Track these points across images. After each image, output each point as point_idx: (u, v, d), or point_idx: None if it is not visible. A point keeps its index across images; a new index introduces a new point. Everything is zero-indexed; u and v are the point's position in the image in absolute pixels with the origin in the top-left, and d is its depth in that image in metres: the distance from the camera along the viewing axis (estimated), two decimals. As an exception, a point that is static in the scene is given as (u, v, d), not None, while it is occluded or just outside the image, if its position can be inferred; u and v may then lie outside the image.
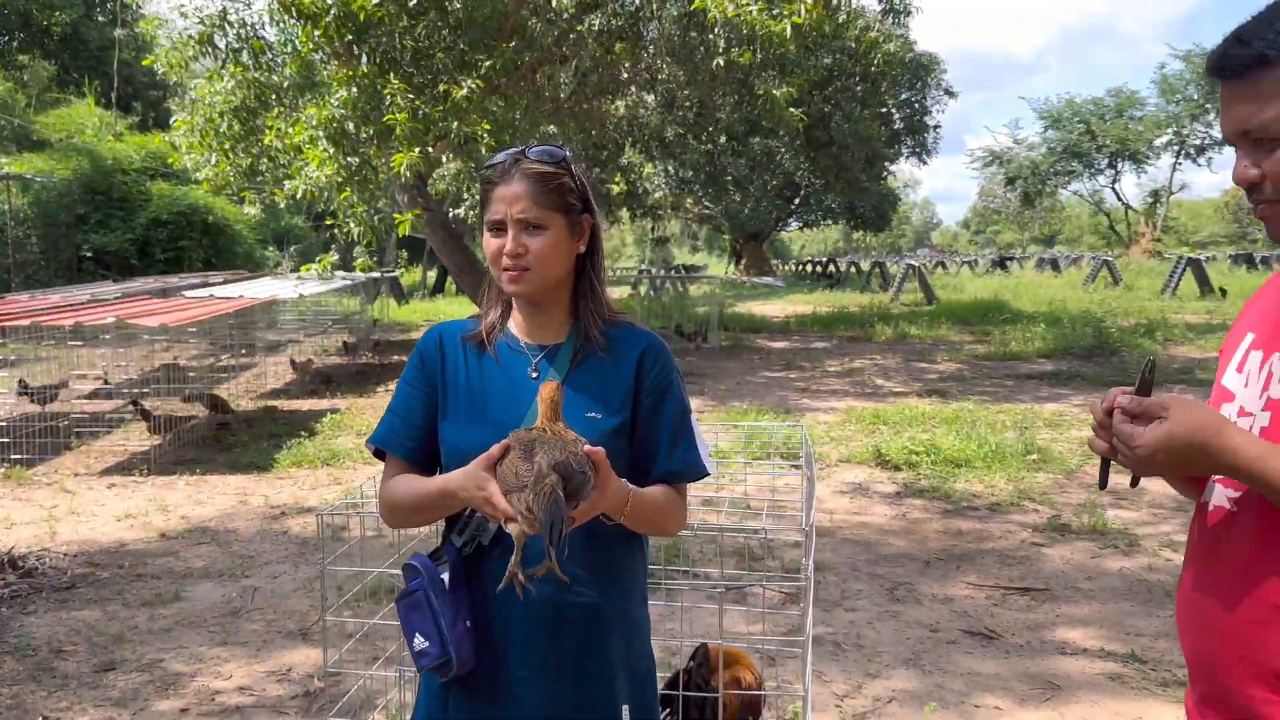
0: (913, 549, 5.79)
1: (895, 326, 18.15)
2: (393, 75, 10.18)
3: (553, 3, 12.64)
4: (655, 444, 1.83)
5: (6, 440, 8.13)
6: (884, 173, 31.51)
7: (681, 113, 17.30)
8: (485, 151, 13.33)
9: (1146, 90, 70.36)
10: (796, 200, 37.93)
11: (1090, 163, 49.39)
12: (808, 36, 11.49)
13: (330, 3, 9.81)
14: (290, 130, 10.25)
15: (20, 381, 9.92)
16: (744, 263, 42.32)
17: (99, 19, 33.59)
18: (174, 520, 6.49)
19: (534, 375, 1.83)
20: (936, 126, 33.46)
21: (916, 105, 32.74)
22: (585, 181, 1.86)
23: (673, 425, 1.84)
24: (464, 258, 13.61)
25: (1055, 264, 43.50)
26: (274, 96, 11.07)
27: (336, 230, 11.79)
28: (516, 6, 11.40)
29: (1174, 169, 52.11)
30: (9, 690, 4.00)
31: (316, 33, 9.88)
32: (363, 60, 10.36)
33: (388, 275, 23.08)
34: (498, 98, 11.76)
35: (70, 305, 9.92)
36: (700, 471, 1.86)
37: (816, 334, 18.82)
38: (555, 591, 1.71)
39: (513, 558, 1.60)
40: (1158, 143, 48.76)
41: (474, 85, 10.00)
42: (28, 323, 8.55)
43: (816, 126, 19.29)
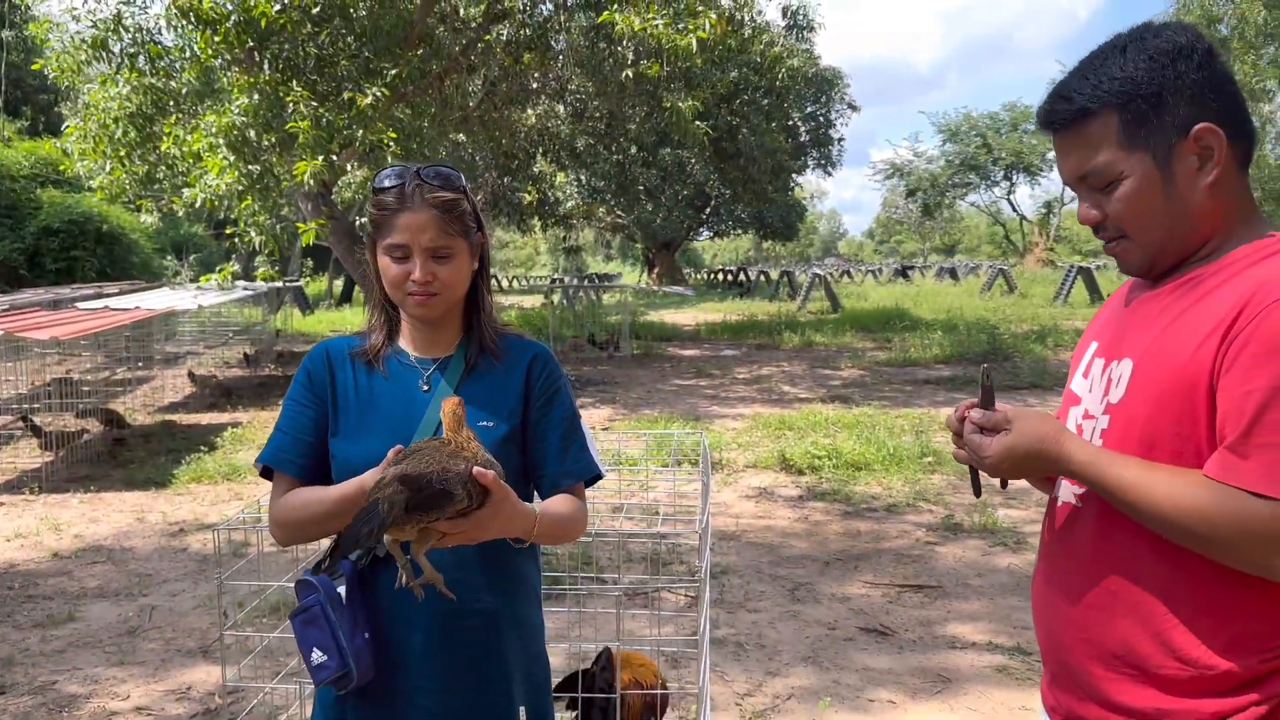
0: (814, 550, 5.96)
1: (802, 334, 18.54)
2: (296, 82, 10.03)
3: (460, 11, 12.62)
4: (546, 447, 1.88)
5: (-117, 459, 7.76)
6: (790, 184, 32.14)
7: (592, 123, 17.39)
8: (391, 160, 13.24)
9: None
10: (707, 210, 38.37)
11: (987, 175, 51.27)
12: (713, 51, 11.70)
13: (230, 9, 9.63)
14: (189, 137, 10.01)
15: (-102, 398, 9.48)
16: (657, 271, 42.63)
17: (-15, 19, 32.13)
18: (67, 540, 6.28)
19: (425, 388, 1.87)
20: (841, 139, 34.30)
21: (821, 118, 33.48)
22: (473, 199, 1.90)
23: (563, 429, 1.90)
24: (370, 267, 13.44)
25: (954, 273, 44.98)
26: (171, 103, 10.79)
27: (238, 239, 11.54)
28: (423, 15, 11.35)
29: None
30: (-112, 719, 3.85)
31: (216, 39, 9.69)
32: (265, 67, 10.19)
33: (291, 285, 22.60)
34: (404, 106, 11.67)
35: (-47, 318, 9.49)
36: (593, 472, 1.92)
37: (726, 342, 19.09)
38: (453, 600, 1.77)
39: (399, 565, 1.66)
40: (1050, 155, 50.84)
41: (379, 93, 9.92)
42: (-94, 336, 8.18)
43: (724, 139, 19.59)
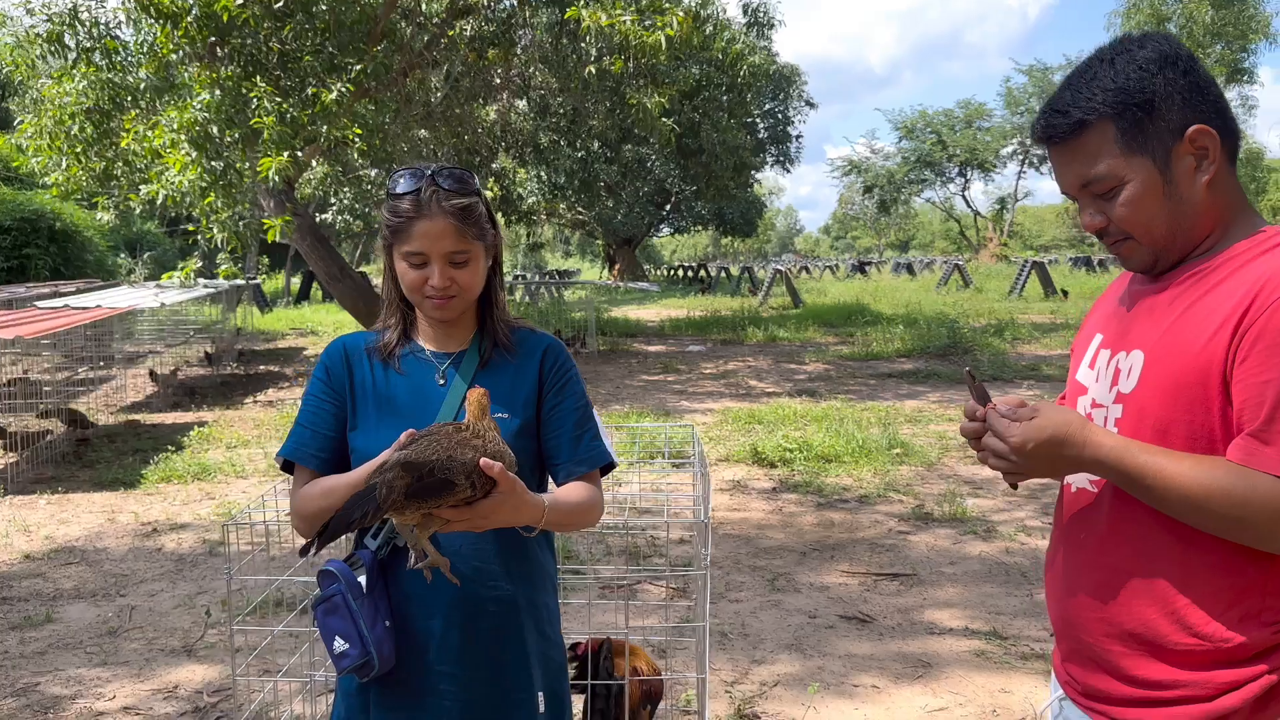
0: (790, 541, 6.05)
1: (765, 329, 18.69)
2: (258, 78, 9.92)
3: (423, 7, 12.55)
4: (559, 436, 1.93)
5: None
6: (750, 180, 32.40)
7: (554, 119, 17.40)
8: (356, 156, 13.15)
9: (993, 102, 74.45)
10: (668, 206, 38.52)
11: (941, 171, 52.05)
12: (678, 48, 11.76)
13: (191, 3, 9.49)
14: (149, 133, 9.86)
15: None
16: (618, 268, 42.68)
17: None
18: (38, 541, 6.19)
19: (441, 382, 1.91)
20: (799, 136, 34.69)
21: (780, 115, 33.81)
22: (485, 198, 1.93)
23: (576, 418, 1.95)
24: (334, 264, 13.34)
25: (910, 268, 45.63)
26: (130, 98, 10.62)
27: (200, 237, 11.38)
28: (386, 10, 11.28)
29: (1019, 177, 55.56)
30: None
31: (177, 33, 9.55)
32: (227, 62, 10.06)
33: (250, 282, 22.33)
34: (368, 101, 11.60)
35: (-93, 318, 9.28)
36: (606, 460, 1.97)
37: (691, 337, 19.19)
38: (471, 586, 1.81)
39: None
40: (1004, 152, 51.82)
41: (343, 89, 9.84)
42: None
43: (687, 135, 19.69)
